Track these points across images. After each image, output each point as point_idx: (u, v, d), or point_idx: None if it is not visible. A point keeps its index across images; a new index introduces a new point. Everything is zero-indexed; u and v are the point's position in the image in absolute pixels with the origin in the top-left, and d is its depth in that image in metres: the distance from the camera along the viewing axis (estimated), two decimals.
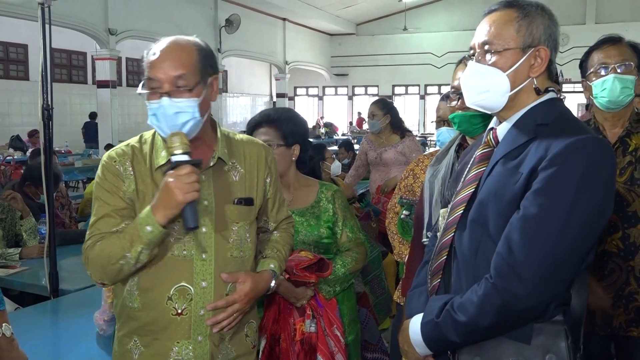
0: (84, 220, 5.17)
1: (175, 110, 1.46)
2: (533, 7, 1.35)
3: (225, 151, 1.62)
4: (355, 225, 2.26)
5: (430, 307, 1.36)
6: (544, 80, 1.37)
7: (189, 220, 1.43)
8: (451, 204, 1.45)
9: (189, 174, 1.42)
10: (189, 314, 1.54)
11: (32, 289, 2.93)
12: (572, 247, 1.22)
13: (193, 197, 1.42)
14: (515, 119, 1.37)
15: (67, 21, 10.48)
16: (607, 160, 1.25)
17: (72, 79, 14.91)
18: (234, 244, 1.60)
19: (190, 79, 1.48)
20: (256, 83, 21.78)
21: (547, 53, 1.34)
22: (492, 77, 1.35)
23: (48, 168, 2.68)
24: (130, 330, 1.58)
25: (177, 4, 13.81)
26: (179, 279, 1.53)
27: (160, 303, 1.54)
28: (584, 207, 1.21)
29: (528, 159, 1.28)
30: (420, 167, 2.52)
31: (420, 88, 21.06)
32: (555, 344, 1.27)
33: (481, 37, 1.37)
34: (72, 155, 11.28)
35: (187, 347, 1.55)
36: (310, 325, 2.06)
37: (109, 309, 2.10)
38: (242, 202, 1.61)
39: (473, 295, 1.26)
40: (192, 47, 1.52)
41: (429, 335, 1.34)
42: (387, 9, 20.38)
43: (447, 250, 1.41)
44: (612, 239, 2.05)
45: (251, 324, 1.72)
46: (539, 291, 1.21)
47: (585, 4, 19.01)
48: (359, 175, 4.84)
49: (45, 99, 2.63)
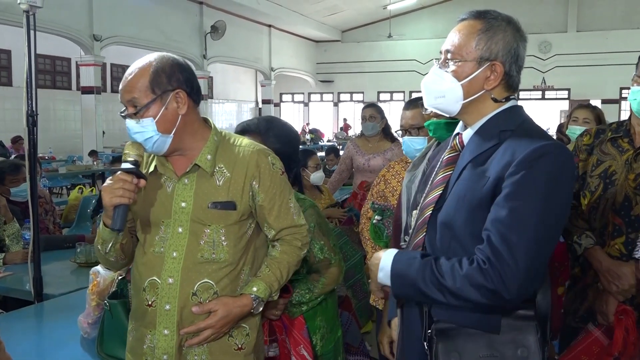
0: (68, 227, 5.16)
1: (134, 131, 1.61)
2: (498, 21, 1.41)
3: (207, 157, 1.67)
4: (327, 244, 2.12)
5: (415, 251, 1.42)
6: (501, 91, 1.43)
7: (114, 221, 1.57)
8: (420, 205, 1.51)
9: (119, 180, 1.56)
10: (157, 306, 1.66)
11: (16, 294, 2.92)
12: (544, 245, 1.29)
13: (119, 202, 1.55)
14: (478, 125, 1.44)
15: (52, 27, 10.44)
16: (568, 164, 1.33)
17: (56, 85, 14.81)
18: (206, 246, 1.66)
19: (140, 101, 1.59)
20: (242, 89, 21.79)
21: (502, 69, 1.40)
22: (448, 84, 1.42)
23: (32, 174, 2.69)
24: (131, 314, 1.79)
25: (162, 10, 13.79)
26: (152, 273, 1.67)
27: (139, 292, 1.70)
28: (552, 208, 1.29)
29: (494, 164, 1.34)
30: (391, 173, 2.57)
31: (405, 94, 21.18)
32: (526, 338, 1.34)
33: (447, 44, 1.45)
34: (55, 162, 11.21)
35: (156, 337, 1.67)
36: (268, 350, 2.00)
37: (93, 312, 2.12)
38: (218, 206, 1.65)
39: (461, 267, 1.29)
40: (146, 68, 1.62)
41: (399, 269, 1.38)
42: (372, 16, 20.52)
43: (420, 249, 1.46)
44: (615, 243, 2.04)
45: (242, 327, 1.74)
46: (519, 290, 1.27)
47: (567, 12, 19.31)
48: (342, 179, 4.81)
49: (30, 105, 2.65)
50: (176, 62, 1.66)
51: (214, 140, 1.71)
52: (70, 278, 3.10)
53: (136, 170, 1.58)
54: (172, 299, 1.65)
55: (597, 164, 2.13)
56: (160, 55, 1.66)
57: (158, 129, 1.60)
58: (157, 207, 1.69)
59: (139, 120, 1.60)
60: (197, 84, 1.71)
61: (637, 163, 2.03)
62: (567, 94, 19.69)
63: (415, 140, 2.41)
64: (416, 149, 2.36)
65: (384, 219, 2.46)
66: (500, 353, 1.33)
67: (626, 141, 2.09)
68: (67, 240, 3.74)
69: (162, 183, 1.70)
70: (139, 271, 1.71)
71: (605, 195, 2.07)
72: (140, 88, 1.59)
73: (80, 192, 6.38)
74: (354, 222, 3.97)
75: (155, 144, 1.61)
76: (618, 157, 2.09)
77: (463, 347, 1.35)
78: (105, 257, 1.74)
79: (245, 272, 1.73)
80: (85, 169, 10.28)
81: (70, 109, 14.65)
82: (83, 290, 2.35)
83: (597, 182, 2.11)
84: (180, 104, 1.63)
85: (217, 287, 1.67)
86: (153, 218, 1.69)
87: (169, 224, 1.67)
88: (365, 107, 4.64)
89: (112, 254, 1.71)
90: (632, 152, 2.06)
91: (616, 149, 2.11)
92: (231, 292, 1.69)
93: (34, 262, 2.70)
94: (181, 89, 1.63)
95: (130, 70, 1.63)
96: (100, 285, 2.13)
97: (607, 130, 2.18)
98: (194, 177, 1.67)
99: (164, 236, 1.67)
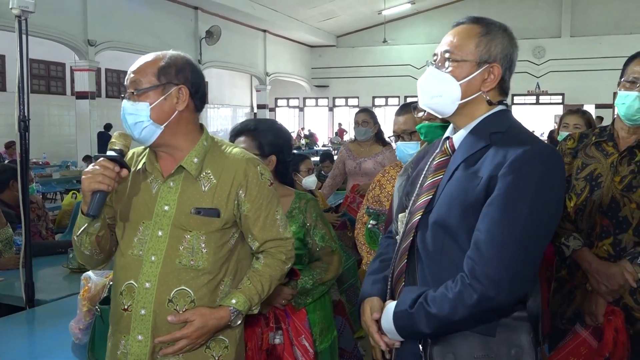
0: (61, 232, 5.14)
1: (128, 112, 1.61)
2: (496, 27, 1.45)
3: (194, 161, 1.66)
4: (328, 233, 2.24)
5: (403, 298, 1.42)
6: (496, 94, 1.46)
7: (90, 207, 1.54)
8: (409, 209, 1.52)
9: (101, 166, 1.54)
10: (132, 311, 1.64)
11: (7, 300, 2.91)
12: (535, 247, 1.31)
13: (97, 187, 1.53)
14: (471, 126, 1.46)
15: (46, 32, 10.43)
16: (559, 167, 1.35)
17: (50, 90, 14.80)
18: (185, 252, 1.64)
19: (142, 84, 1.60)
20: (237, 94, 21.81)
21: (500, 71, 1.43)
22: (446, 83, 1.44)
23: (24, 179, 2.69)
24: (109, 319, 1.75)
25: (157, 15, 13.80)
26: (130, 276, 1.65)
27: (116, 296, 1.69)
28: (542, 210, 1.30)
29: (486, 164, 1.36)
30: (386, 178, 2.59)
31: (400, 99, 21.22)
32: (519, 338, 1.36)
33: (444, 45, 1.46)
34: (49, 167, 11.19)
35: (129, 343, 1.64)
36: (274, 337, 2.06)
37: (84, 318, 2.12)
38: (201, 212, 1.64)
39: (448, 292, 1.33)
40: (160, 57, 1.65)
41: (401, 324, 1.40)
42: (367, 21, 20.59)
43: (407, 254, 1.47)
44: (603, 244, 2.07)
45: (221, 340, 1.70)
46: (509, 291, 1.29)
47: (560, 18, 19.43)
48: (335, 184, 4.85)
49: (22, 110, 2.65)
50: (189, 62, 1.68)
51: (203, 145, 1.70)
52: (62, 284, 3.09)
53: (120, 159, 1.57)
54: (147, 304, 1.62)
55: (582, 167, 2.17)
56: (178, 52, 1.69)
57: (151, 116, 1.60)
58: (139, 207, 1.67)
59: (135, 102, 1.60)
60: (204, 91, 1.72)
61: (622, 166, 2.07)
62: (561, 98, 19.78)
63: (409, 145, 2.44)
64: (409, 154, 2.39)
65: (379, 223, 2.48)
66: (494, 353, 1.34)
67: (610, 145, 2.14)
68: (59, 245, 3.72)
69: (149, 183, 1.69)
70: (117, 275, 1.70)
71: (591, 197, 2.11)
72: (146, 72, 1.61)
73: (74, 198, 6.36)
74: (347, 226, 3.98)
75: (143, 131, 1.61)
76: (603, 160, 2.13)
77: (458, 348, 1.36)
78: (80, 250, 1.70)
79: (225, 282, 1.69)
80: (79, 174, 10.24)
81: (64, 114, 14.63)
82: (75, 295, 2.34)
83: (583, 184, 2.14)
84: (180, 100, 1.63)
85: (195, 296, 1.63)
86: (133, 217, 1.67)
87: (148, 225, 1.66)
88: (358, 112, 4.69)
89: (87, 245, 1.67)
90: (617, 156, 2.10)
91: (600, 152, 2.15)
92: (210, 302, 1.65)
93: (26, 268, 2.69)
94: (185, 87, 1.64)
95: (145, 56, 1.66)
96: (91, 290, 2.12)
97: (591, 134, 2.23)
98: (179, 180, 1.66)
99: (142, 238, 1.65)
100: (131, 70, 1.64)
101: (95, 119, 12.36)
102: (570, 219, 2.16)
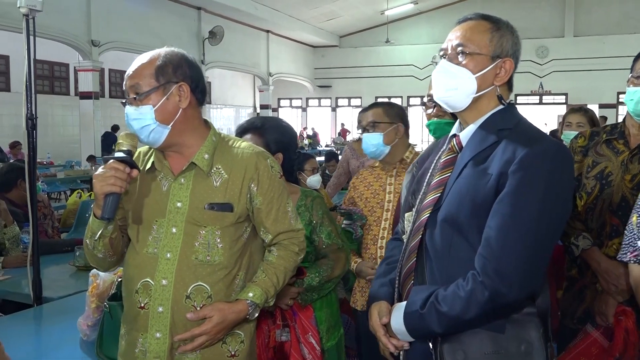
0: (66, 231, 5.15)
1: (132, 117, 1.61)
2: (504, 24, 1.47)
3: (205, 157, 1.66)
4: (334, 231, 2.24)
5: (413, 298, 1.41)
6: (505, 90, 1.47)
7: (104, 210, 1.53)
8: (417, 208, 1.52)
9: (111, 168, 1.53)
10: (149, 308, 1.63)
11: (15, 297, 2.92)
12: (545, 243, 1.32)
13: (110, 190, 1.51)
14: (480, 122, 1.46)
15: (50, 32, 10.45)
16: (568, 162, 1.36)
17: (54, 90, 14.82)
18: (200, 247, 1.64)
19: (142, 88, 1.59)
20: (240, 94, 21.81)
21: (512, 65, 1.45)
22: (462, 76, 1.44)
23: (32, 176, 2.70)
24: (123, 318, 1.74)
25: (161, 16, 13.82)
26: (145, 274, 1.65)
27: (131, 294, 1.67)
28: (552, 206, 1.31)
29: (495, 161, 1.36)
30: (359, 180, 2.67)
31: (403, 100, 21.21)
32: (528, 334, 1.36)
33: (455, 40, 1.46)
34: (54, 167, 11.21)
35: (147, 341, 1.64)
36: (281, 334, 2.06)
37: (92, 314, 2.12)
38: (214, 208, 1.64)
39: (459, 290, 1.33)
40: (155, 57, 1.63)
41: (412, 325, 1.40)
42: (369, 21, 20.58)
43: (416, 252, 1.47)
44: (612, 243, 2.04)
45: (237, 334, 1.71)
46: (521, 287, 1.30)
47: (563, 17, 19.38)
48: (340, 183, 4.86)
49: (30, 108, 2.66)
50: (185, 58, 1.66)
51: (212, 140, 1.70)
52: (69, 281, 3.10)
53: (129, 160, 1.56)
54: (165, 301, 1.62)
55: (593, 165, 2.15)
56: (171, 49, 1.67)
57: (156, 118, 1.59)
58: (152, 206, 1.67)
59: (138, 107, 1.59)
60: (204, 84, 1.71)
61: (633, 164, 2.05)
62: (565, 98, 19.73)
63: (371, 136, 2.50)
64: (372, 144, 2.47)
65: (352, 222, 2.51)
66: (505, 349, 1.34)
67: (621, 143, 2.11)
68: (66, 244, 3.74)
69: (159, 181, 1.68)
70: (131, 273, 1.68)
71: (601, 196, 2.09)
72: (144, 75, 1.60)
73: (78, 197, 6.38)
74: None
75: (151, 134, 1.60)
76: (614, 159, 2.11)
77: (468, 345, 1.36)
78: (93, 253, 1.69)
79: (240, 277, 1.70)
80: (83, 174, 10.29)
81: (68, 114, 14.65)
82: (82, 293, 2.35)
83: (593, 183, 2.13)
84: (182, 98, 1.63)
85: (212, 291, 1.64)
86: (146, 216, 1.67)
87: (162, 223, 1.65)
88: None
89: (100, 248, 1.66)
90: (628, 154, 2.07)
91: (611, 150, 2.13)
92: (226, 297, 1.66)
93: (33, 266, 2.70)
94: (185, 83, 1.63)
95: (139, 58, 1.64)
96: (99, 287, 2.13)
97: (602, 132, 2.21)
98: (190, 176, 1.66)
99: (157, 236, 1.65)
100: (128, 74, 1.62)
101: (99, 119, 12.38)
102: (581, 218, 2.14)
